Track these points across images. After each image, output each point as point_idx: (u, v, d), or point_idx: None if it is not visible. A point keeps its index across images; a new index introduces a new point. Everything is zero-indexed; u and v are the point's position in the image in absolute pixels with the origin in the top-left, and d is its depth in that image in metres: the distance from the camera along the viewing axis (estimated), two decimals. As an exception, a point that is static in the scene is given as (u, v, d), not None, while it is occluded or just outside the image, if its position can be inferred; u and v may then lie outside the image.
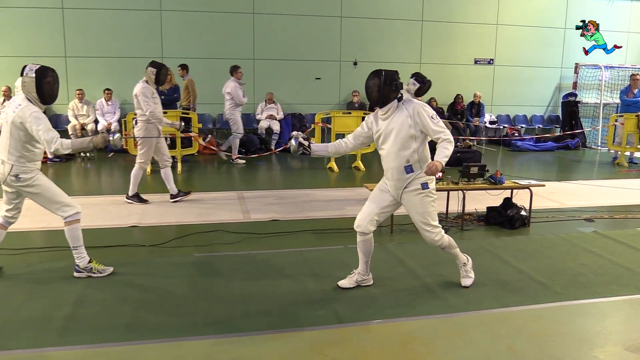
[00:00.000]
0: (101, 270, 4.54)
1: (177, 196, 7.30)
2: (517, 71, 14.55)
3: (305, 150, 4.29)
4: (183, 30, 12.43)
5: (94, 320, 3.76)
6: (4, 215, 4.49)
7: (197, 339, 3.52)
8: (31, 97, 4.22)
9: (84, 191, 8.44)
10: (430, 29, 13.79)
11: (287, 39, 12.93)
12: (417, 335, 3.61)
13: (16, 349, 3.37)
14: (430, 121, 3.97)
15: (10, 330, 3.60)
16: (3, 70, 11.39)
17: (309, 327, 3.71)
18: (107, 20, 12.05)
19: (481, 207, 6.72)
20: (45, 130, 4.12)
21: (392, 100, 4.03)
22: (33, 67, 4.24)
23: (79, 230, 4.48)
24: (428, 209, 4.14)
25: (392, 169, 4.10)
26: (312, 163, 10.72)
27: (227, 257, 5.11)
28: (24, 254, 5.08)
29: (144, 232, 5.96)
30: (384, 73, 4.01)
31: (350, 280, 4.38)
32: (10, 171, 4.24)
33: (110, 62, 12.15)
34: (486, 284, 4.51)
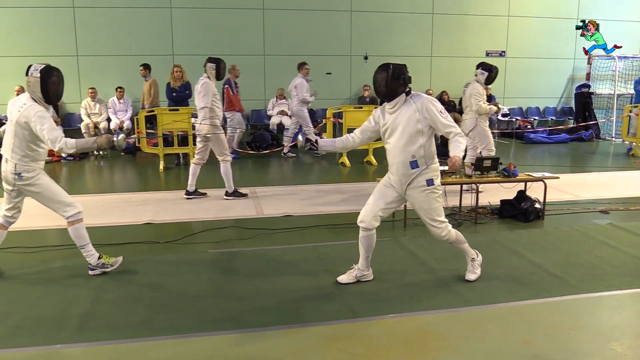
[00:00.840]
0: (112, 263, 4.57)
1: (232, 195, 7.31)
2: (529, 63, 14.41)
3: (312, 146, 4.28)
4: (193, 27, 12.46)
5: (109, 317, 3.80)
6: (4, 215, 4.50)
7: (211, 335, 3.54)
8: (36, 97, 4.22)
9: (97, 189, 8.51)
10: (441, 22, 13.69)
11: (297, 34, 12.91)
12: (431, 329, 3.60)
13: (33, 345, 3.41)
14: (439, 116, 3.93)
15: (27, 327, 3.64)
16: (16, 69, 11.43)
17: (323, 321, 3.72)
18: (118, 19, 12.11)
19: (495, 200, 6.68)
20: (49, 130, 4.12)
21: (400, 94, 3.99)
22: (38, 67, 4.23)
23: (83, 229, 4.49)
24: (433, 205, 4.11)
25: (398, 163, 4.06)
26: (324, 158, 10.71)
27: (241, 253, 5.13)
28: (39, 252, 5.14)
29: (158, 229, 6.00)
30: (391, 66, 3.97)
31: (350, 275, 4.36)
32: (13, 169, 4.26)
33: (122, 60, 12.22)
34: (500, 277, 4.48)
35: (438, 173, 4.14)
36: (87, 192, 8.14)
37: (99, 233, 5.74)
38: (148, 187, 8.25)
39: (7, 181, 4.34)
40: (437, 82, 13.72)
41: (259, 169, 10.00)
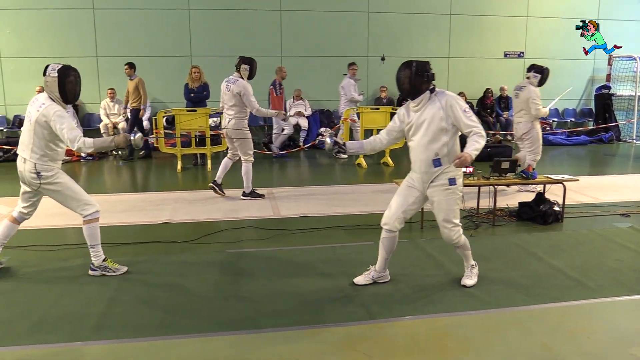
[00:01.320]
0: (115, 269, 4.57)
1: (250, 195, 7.34)
2: (548, 64, 14.08)
3: (340, 149, 4.24)
4: (211, 28, 12.54)
5: (127, 316, 3.84)
6: (20, 211, 4.55)
7: (228, 334, 3.56)
8: (54, 97, 4.25)
9: (116, 189, 8.60)
10: (459, 23, 13.61)
11: (314, 35, 12.93)
12: (449, 332, 3.58)
13: (53, 342, 3.46)
14: (462, 114, 3.89)
15: (48, 324, 3.70)
16: (37, 70, 11.57)
17: (340, 322, 3.72)
18: (137, 20, 12.23)
19: (513, 203, 6.62)
20: (69, 129, 4.15)
21: (424, 92, 3.95)
22: (55, 67, 4.27)
23: (97, 229, 4.53)
24: (452, 207, 4.08)
25: (420, 161, 4.03)
26: (339, 160, 10.70)
27: (258, 254, 5.15)
28: (59, 251, 5.20)
29: (175, 228, 6.04)
30: (415, 64, 3.93)
31: (367, 277, 4.34)
32: (33, 169, 4.29)
33: (141, 61, 12.28)
34: (519, 280, 4.44)
35: (461, 173, 4.11)
36: (106, 191, 8.23)
37: (117, 232, 5.81)
38: (166, 187, 8.31)
39: (25, 181, 4.38)
40: (455, 83, 13.63)
41: (276, 170, 10.03)
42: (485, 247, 5.29)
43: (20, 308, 3.94)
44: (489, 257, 4.98)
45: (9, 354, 3.33)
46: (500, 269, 4.69)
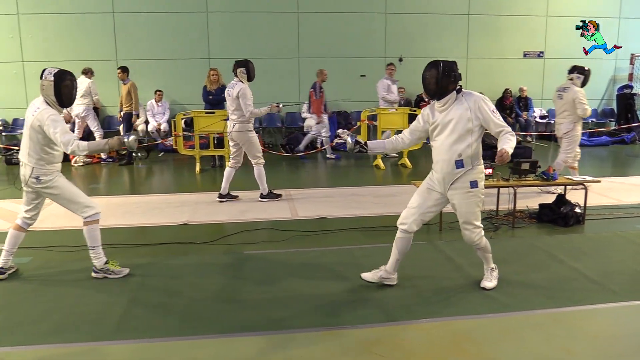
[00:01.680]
0: (117, 272, 4.59)
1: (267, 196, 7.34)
2: (568, 63, 13.91)
3: (362, 148, 4.21)
4: (229, 31, 12.60)
5: (147, 316, 3.88)
6: (23, 217, 4.58)
7: (246, 336, 3.58)
8: (49, 100, 4.28)
9: (135, 190, 8.70)
10: (477, 23, 13.49)
11: (331, 36, 12.92)
12: (468, 335, 3.55)
13: (75, 342, 3.51)
14: (492, 115, 3.86)
15: (69, 324, 3.75)
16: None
17: (358, 324, 3.71)
18: (156, 23, 12.34)
19: (533, 204, 6.55)
20: (62, 133, 4.17)
21: (451, 92, 3.92)
22: (52, 71, 4.30)
23: (97, 230, 4.55)
24: (473, 209, 4.04)
25: (443, 161, 3.99)
26: (358, 160, 10.69)
27: (275, 255, 5.16)
28: (80, 251, 5.26)
29: (194, 229, 6.09)
30: (441, 64, 3.89)
31: (375, 275, 4.31)
32: (31, 173, 4.33)
33: (160, 64, 12.46)
34: (539, 283, 4.39)
35: (483, 175, 4.07)
36: (126, 193, 8.33)
37: (137, 233, 5.88)
38: (185, 189, 8.37)
39: (26, 184, 4.43)
40: (473, 84, 13.49)
41: (293, 171, 10.05)
42: (505, 249, 5.24)
43: (43, 307, 4.01)
44: (509, 260, 4.93)
45: (32, 353, 3.39)
46: (520, 272, 4.64)
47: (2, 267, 4.54)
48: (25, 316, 3.87)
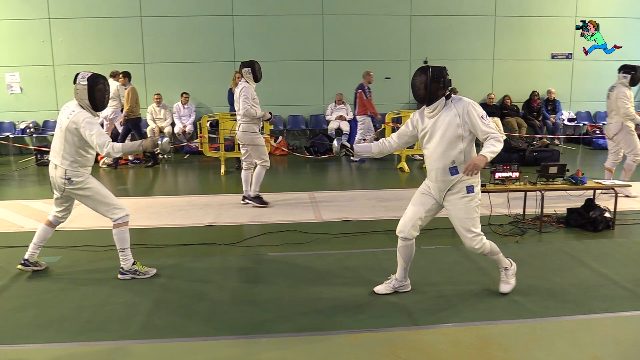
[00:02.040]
0: (145, 272, 4.65)
1: (254, 202, 7.20)
2: (598, 65, 13.79)
3: (347, 152, 4.18)
4: (254, 34, 12.70)
5: (172, 316, 3.93)
6: (55, 215, 4.68)
7: (270, 337, 3.60)
8: (83, 104, 4.36)
9: (161, 191, 8.81)
10: (504, 24, 13.33)
11: (356, 39, 12.92)
12: (494, 340, 3.50)
13: (102, 340, 3.57)
14: (480, 121, 3.76)
15: (97, 323, 3.82)
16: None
17: (381, 328, 3.70)
18: (182, 27, 12.51)
19: (561, 209, 6.43)
20: (98, 135, 4.25)
21: (440, 98, 3.84)
22: (85, 75, 4.37)
23: (126, 232, 4.61)
24: (471, 215, 3.95)
25: (437, 169, 3.92)
26: (382, 163, 10.66)
27: (300, 257, 5.17)
28: (108, 251, 5.35)
29: (219, 231, 6.14)
30: (431, 69, 3.82)
31: (387, 286, 4.26)
32: (63, 175, 4.41)
33: (186, 66, 12.61)
34: (567, 289, 4.31)
35: (479, 180, 3.98)
36: (153, 194, 8.45)
37: (163, 233, 5.96)
38: (210, 190, 8.45)
39: (57, 187, 4.50)
40: (499, 86, 13.38)
41: (317, 174, 10.06)
42: (532, 253, 5.17)
43: (72, 306, 4.09)
44: (536, 264, 4.86)
45: (61, 350, 3.46)
46: (547, 277, 4.56)
47: (28, 259, 4.65)
48: (54, 314, 3.95)
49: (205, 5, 12.47)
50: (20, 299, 4.24)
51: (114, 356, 3.41)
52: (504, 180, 6.00)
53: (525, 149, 10.23)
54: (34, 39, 12.22)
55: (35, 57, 12.19)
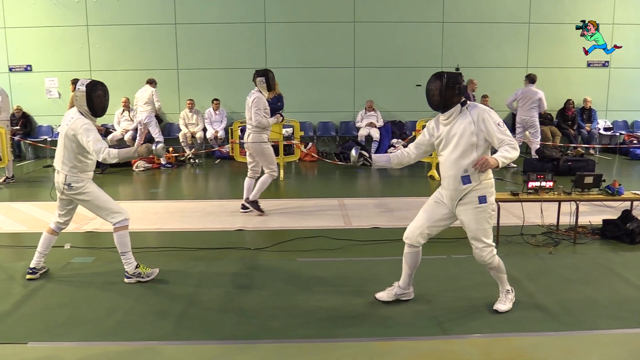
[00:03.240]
0: (149, 274, 4.68)
1: (250, 206, 7.10)
2: (636, 73, 13.46)
3: (365, 161, 4.12)
4: (286, 41, 12.80)
5: (203, 318, 3.97)
6: (56, 222, 4.75)
7: (301, 342, 3.60)
8: (83, 110, 4.43)
9: (192, 195, 8.93)
10: (538, 31, 13.13)
11: (387, 46, 12.90)
12: (526, 353, 3.43)
13: (134, 340, 3.63)
14: (495, 128, 3.68)
15: (131, 323, 3.89)
16: (123, 82, 12.35)
17: (411, 336, 3.67)
18: (216, 34, 12.68)
19: (596, 220, 6.28)
20: (94, 141, 4.30)
21: (455, 105, 3.78)
22: (84, 82, 4.44)
23: (127, 236, 4.65)
24: (483, 226, 3.86)
25: (449, 177, 3.86)
26: (412, 171, 10.57)
27: (328, 264, 5.17)
28: (139, 253, 5.43)
29: (248, 235, 6.19)
30: (446, 75, 3.76)
31: (390, 293, 4.21)
32: (64, 180, 4.49)
33: (218, 73, 12.78)
34: (602, 301, 4.20)
35: (493, 190, 3.89)
36: (183, 198, 8.56)
37: (193, 237, 6.03)
38: (240, 195, 8.49)
39: (59, 191, 4.61)
40: (533, 94, 13.15)
41: (347, 180, 10.05)
42: (566, 265, 5.06)
43: (106, 306, 4.17)
44: (570, 276, 4.75)
45: (94, 349, 3.53)
46: (582, 289, 4.45)
47: (35, 267, 4.73)
48: (88, 313, 4.04)
49: (238, 13, 12.63)
50: (55, 297, 4.34)
51: (144, 356, 3.46)
52: (538, 190, 5.89)
53: (559, 158, 10.03)
54: (72, 45, 12.56)
55: (73, 63, 12.51)
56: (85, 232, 6.20)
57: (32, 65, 12.68)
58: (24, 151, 12.70)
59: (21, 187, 9.22)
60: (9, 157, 9.41)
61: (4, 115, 9.62)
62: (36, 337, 3.63)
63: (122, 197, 8.50)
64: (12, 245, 5.75)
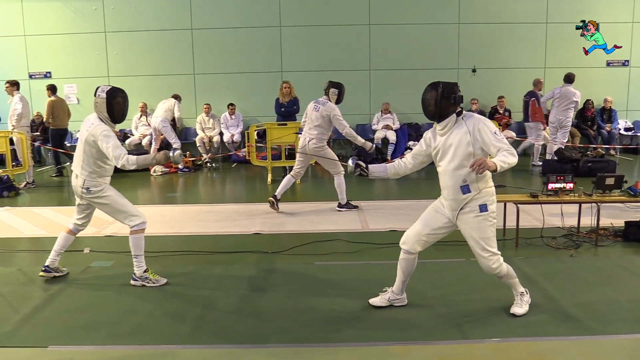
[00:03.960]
0: (155, 281, 4.70)
1: (345, 206, 7.49)
2: (657, 73, 13.24)
3: (362, 172, 4.11)
4: (301, 45, 12.82)
5: (220, 322, 3.98)
6: (75, 223, 4.82)
7: (319, 347, 3.59)
8: (102, 117, 4.49)
9: (210, 199, 8.97)
10: (556, 31, 12.97)
11: (403, 48, 12.85)
12: (547, 358, 3.38)
13: (152, 344, 3.64)
14: (492, 136, 3.64)
15: (149, 326, 3.91)
16: (140, 87, 12.49)
17: (430, 340, 3.63)
18: (231, 39, 12.75)
19: (618, 222, 6.17)
20: (114, 148, 4.36)
21: (451, 115, 3.76)
22: (104, 89, 4.50)
23: (142, 239, 4.70)
24: (486, 234, 3.81)
25: (449, 187, 3.83)
26: (429, 173, 10.48)
27: (346, 267, 5.15)
28: (160, 257, 5.48)
29: (266, 239, 6.19)
30: (441, 85, 3.76)
31: (383, 298, 4.18)
32: (82, 184, 4.56)
33: (234, 77, 12.84)
34: (625, 306, 4.11)
35: (493, 198, 3.85)
36: (200, 202, 8.60)
37: (211, 241, 6.04)
38: (256, 199, 8.53)
39: (77, 194, 4.67)
40: (551, 94, 13.01)
41: (364, 183, 9.99)
42: (588, 268, 4.98)
43: (124, 309, 4.20)
44: (592, 279, 4.67)
45: (114, 352, 3.55)
46: (604, 293, 4.37)
47: (49, 265, 4.80)
48: (107, 317, 4.07)
49: (253, 18, 12.68)
50: (75, 301, 4.38)
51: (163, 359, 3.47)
52: (558, 191, 5.81)
53: (579, 159, 9.88)
54: (90, 52, 12.72)
55: (92, 69, 12.67)
56: (105, 236, 6.25)
57: (52, 71, 12.86)
58: (43, 157, 12.86)
59: (41, 192, 9.34)
60: (29, 163, 9.55)
61: (24, 122, 9.78)
62: (56, 341, 3.67)
63: (141, 201, 8.56)
64: (33, 249, 5.81)
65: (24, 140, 9.54)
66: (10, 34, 12.67)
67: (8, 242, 6.09)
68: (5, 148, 9.45)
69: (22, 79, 12.70)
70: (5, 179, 8.90)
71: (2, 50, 12.75)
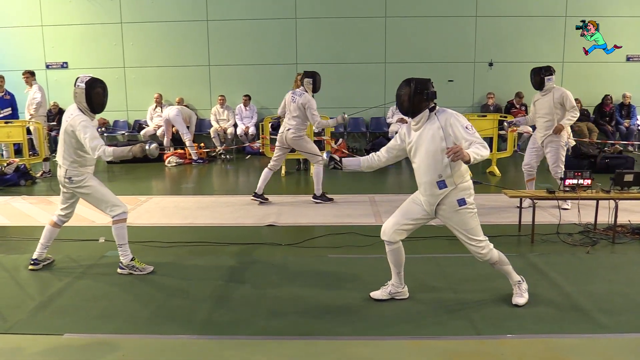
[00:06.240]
0: (142, 269, 4.75)
1: (319, 198, 7.51)
2: (679, 68, 13.00)
3: (336, 165, 4.17)
4: (316, 36, 12.77)
5: (233, 313, 3.99)
6: (59, 215, 4.86)
7: (332, 339, 3.60)
8: (82, 107, 4.50)
9: (223, 190, 9.00)
10: (575, 25, 12.79)
11: (419, 41, 12.74)
12: (563, 355, 3.34)
13: (167, 334, 3.67)
14: (464, 131, 3.65)
15: (161, 317, 3.94)
16: (156, 78, 12.55)
17: (443, 336, 3.61)
18: (246, 30, 12.74)
19: (636, 219, 6.09)
20: (91, 139, 4.37)
21: (424, 110, 3.78)
22: (84, 79, 4.50)
23: (124, 229, 4.73)
24: (469, 225, 3.86)
25: (425, 183, 3.86)
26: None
27: (360, 260, 5.14)
28: (173, 247, 5.51)
29: (280, 231, 6.20)
30: (414, 81, 3.78)
31: (384, 291, 4.19)
32: (65, 174, 4.61)
33: (249, 69, 12.84)
34: (644, 304, 4.06)
35: (470, 191, 3.87)
36: (214, 193, 8.63)
37: (225, 232, 6.06)
38: (270, 191, 8.52)
39: (61, 184, 4.72)
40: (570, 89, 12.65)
41: (378, 176, 9.96)
42: (604, 265, 4.92)
43: (140, 299, 4.25)
44: (609, 277, 4.61)
45: (128, 341, 3.58)
46: (621, 290, 4.31)
47: (37, 258, 4.85)
48: (122, 306, 4.11)
49: (268, 9, 12.65)
50: (90, 289, 4.42)
51: (177, 349, 3.49)
52: (575, 188, 5.74)
53: (597, 155, 9.75)
54: (106, 42, 12.78)
55: (108, 60, 12.74)
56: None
57: (68, 62, 12.96)
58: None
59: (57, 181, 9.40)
60: (45, 153, 9.64)
61: (41, 112, 9.87)
62: (72, 329, 3.71)
63: (155, 192, 8.62)
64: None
65: (40, 129, 9.63)
66: (28, 24, 12.77)
67: (24, 230, 6.15)
68: (22, 137, 9.53)
69: (39, 69, 12.84)
70: (22, 168, 9.00)
71: (20, 41, 12.86)
